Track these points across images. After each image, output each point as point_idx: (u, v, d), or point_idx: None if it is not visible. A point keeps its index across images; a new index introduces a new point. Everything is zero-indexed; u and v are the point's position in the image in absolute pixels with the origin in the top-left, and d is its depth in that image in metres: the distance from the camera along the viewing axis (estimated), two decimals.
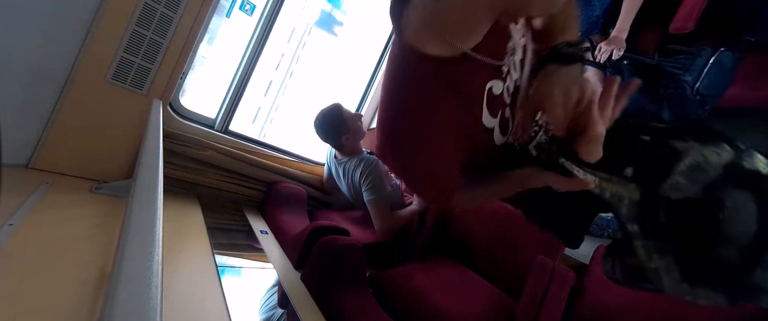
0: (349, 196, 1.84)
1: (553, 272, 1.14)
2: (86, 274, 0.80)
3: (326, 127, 1.71)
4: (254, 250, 1.39)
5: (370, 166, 1.67)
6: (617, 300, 1.11)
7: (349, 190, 1.80)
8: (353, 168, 1.73)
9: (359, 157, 1.75)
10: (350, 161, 1.75)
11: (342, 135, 1.71)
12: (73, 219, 1.02)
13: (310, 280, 1.16)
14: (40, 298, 0.69)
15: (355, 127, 1.73)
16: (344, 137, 1.71)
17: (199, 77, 2.56)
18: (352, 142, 1.76)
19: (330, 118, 1.72)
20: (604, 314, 1.12)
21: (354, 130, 1.72)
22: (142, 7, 1.20)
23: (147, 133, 0.96)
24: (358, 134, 1.76)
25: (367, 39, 5.38)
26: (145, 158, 0.80)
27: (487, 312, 1.24)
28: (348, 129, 1.70)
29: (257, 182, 1.72)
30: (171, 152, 1.43)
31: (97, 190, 1.21)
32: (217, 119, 1.66)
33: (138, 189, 0.64)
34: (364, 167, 1.67)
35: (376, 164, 1.68)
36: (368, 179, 1.65)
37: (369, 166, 1.67)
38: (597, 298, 1.15)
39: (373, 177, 1.65)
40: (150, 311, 0.35)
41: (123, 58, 1.23)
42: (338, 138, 1.72)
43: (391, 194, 1.71)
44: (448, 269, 1.49)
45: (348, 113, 1.73)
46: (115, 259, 0.43)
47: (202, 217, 1.39)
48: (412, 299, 1.25)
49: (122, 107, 1.28)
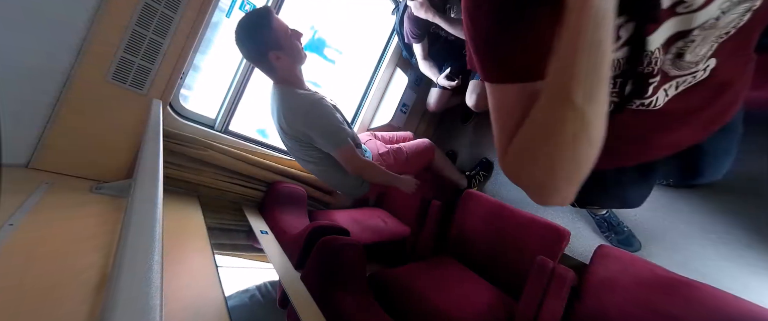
0: (288, 147, 1.48)
1: (553, 272, 1.14)
2: (86, 274, 0.80)
3: (244, 37, 1.24)
4: (254, 250, 1.39)
5: (314, 104, 1.29)
6: (617, 300, 1.11)
7: (287, 139, 1.41)
8: (292, 106, 1.32)
9: (300, 92, 1.32)
10: (287, 97, 1.32)
11: (268, 50, 1.24)
12: (73, 219, 1.02)
13: (310, 280, 1.16)
14: (40, 298, 0.69)
15: (289, 44, 1.27)
16: (273, 54, 1.24)
17: (199, 77, 2.56)
18: (287, 65, 1.29)
19: (250, 24, 1.23)
20: (604, 314, 1.12)
21: (288, 48, 1.26)
22: (142, 7, 1.20)
23: (147, 133, 0.96)
24: (294, 55, 1.30)
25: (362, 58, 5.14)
26: (145, 158, 0.80)
27: (487, 312, 1.24)
28: (279, 44, 1.24)
29: (257, 182, 1.72)
30: (171, 152, 1.43)
31: (97, 190, 1.21)
32: (217, 119, 1.66)
33: (138, 189, 0.64)
34: (308, 106, 1.29)
35: (321, 101, 1.31)
36: (312, 121, 1.29)
37: (313, 105, 1.29)
38: (597, 298, 1.15)
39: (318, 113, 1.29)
40: (150, 311, 0.35)
41: (123, 58, 1.23)
42: (263, 54, 1.25)
43: (353, 136, 1.41)
44: (448, 269, 1.49)
45: (280, 23, 1.25)
46: (115, 259, 0.43)
47: (202, 217, 1.39)
48: (412, 299, 1.25)
49: (122, 107, 1.28)
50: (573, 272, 1.12)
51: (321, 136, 1.31)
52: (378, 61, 2.19)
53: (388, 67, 2.20)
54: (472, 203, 1.59)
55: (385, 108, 2.21)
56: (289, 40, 1.27)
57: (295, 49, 1.29)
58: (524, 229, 1.40)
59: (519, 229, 1.41)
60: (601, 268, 1.17)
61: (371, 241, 1.65)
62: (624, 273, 1.12)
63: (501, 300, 1.33)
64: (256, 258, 1.44)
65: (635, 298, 1.08)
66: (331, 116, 1.31)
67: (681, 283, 1.02)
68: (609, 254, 1.18)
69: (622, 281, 1.12)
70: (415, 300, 1.25)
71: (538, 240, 1.35)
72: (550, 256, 1.18)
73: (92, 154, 1.28)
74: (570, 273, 1.12)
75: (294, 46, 1.29)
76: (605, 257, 1.18)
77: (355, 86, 2.22)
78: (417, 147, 1.78)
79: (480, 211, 1.56)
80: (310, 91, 1.35)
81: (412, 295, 1.27)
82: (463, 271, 1.50)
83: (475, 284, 1.41)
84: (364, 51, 2.23)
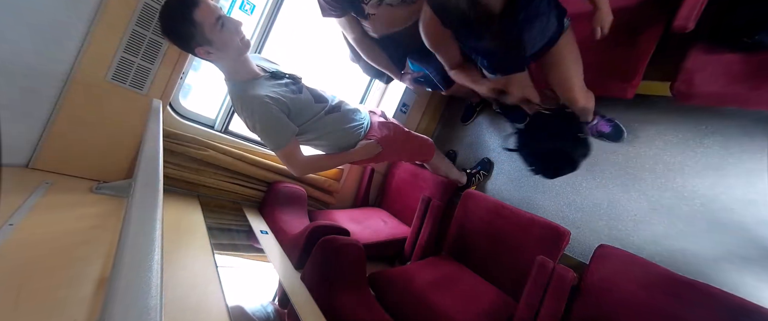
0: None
1: (553, 272, 1.14)
2: (86, 274, 0.80)
3: (167, 31, 1.08)
4: (254, 250, 1.39)
5: (254, 112, 1.16)
6: (617, 300, 1.11)
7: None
8: (238, 111, 1.22)
9: (243, 94, 1.17)
10: (233, 100, 1.23)
11: (195, 45, 1.08)
12: (73, 219, 1.02)
13: (310, 280, 1.16)
14: (40, 298, 0.69)
15: (218, 37, 1.07)
16: (201, 50, 1.08)
17: (199, 77, 2.55)
18: (221, 60, 1.15)
19: (169, 16, 1.06)
20: (604, 314, 1.12)
21: (218, 42, 1.08)
22: (142, 7, 1.20)
23: (147, 133, 0.96)
24: (227, 49, 1.11)
25: None
26: (145, 158, 0.80)
27: (487, 312, 1.25)
28: (205, 38, 1.06)
29: (257, 182, 1.72)
30: (171, 152, 1.44)
31: (97, 190, 1.21)
32: (217, 119, 1.66)
33: (138, 189, 0.64)
34: (245, 105, 1.17)
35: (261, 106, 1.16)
36: (255, 123, 1.19)
37: (253, 112, 1.16)
38: (597, 297, 1.15)
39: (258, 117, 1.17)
40: (150, 311, 0.35)
41: (123, 58, 1.23)
42: (191, 50, 1.10)
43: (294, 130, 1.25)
44: (448, 269, 1.49)
45: (206, 12, 1.04)
46: (115, 259, 0.43)
47: (202, 217, 1.39)
48: (412, 299, 1.25)
49: (122, 107, 1.28)
50: (573, 272, 1.12)
51: (263, 140, 1.25)
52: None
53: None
54: (472, 203, 1.59)
55: (385, 108, 2.22)
56: (218, 33, 1.06)
57: (227, 42, 1.09)
58: (524, 229, 1.40)
59: (519, 229, 1.41)
60: (601, 268, 1.17)
61: (371, 241, 1.65)
62: (624, 273, 1.12)
63: (501, 300, 1.33)
64: (256, 258, 1.44)
65: (635, 298, 1.08)
66: (270, 119, 1.18)
67: (681, 283, 1.03)
68: (609, 254, 1.18)
69: (622, 281, 1.12)
70: (415, 300, 1.25)
71: (538, 240, 1.35)
72: (550, 256, 1.18)
73: (92, 154, 1.28)
74: (570, 273, 1.12)
75: (224, 38, 1.08)
76: (605, 257, 1.18)
77: (355, 86, 2.22)
78: (420, 138, 1.73)
79: (480, 211, 1.56)
80: (253, 91, 1.18)
81: (412, 295, 1.27)
82: (463, 271, 1.50)
83: (475, 284, 1.41)
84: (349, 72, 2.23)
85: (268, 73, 1.28)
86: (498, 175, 1.98)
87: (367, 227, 1.79)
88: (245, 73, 1.21)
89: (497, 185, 1.96)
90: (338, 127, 1.41)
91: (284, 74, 1.31)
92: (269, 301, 1.08)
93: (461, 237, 1.62)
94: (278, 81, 1.27)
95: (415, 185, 1.99)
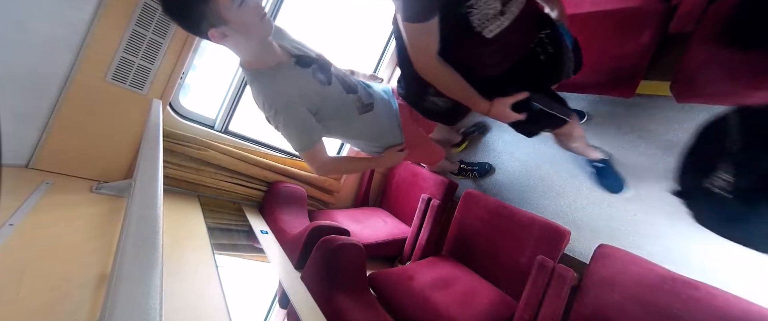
0: None
1: (553, 272, 1.14)
2: (86, 274, 0.80)
3: (174, 9, 0.84)
4: (254, 250, 1.39)
5: (278, 112, 1.01)
6: (617, 299, 1.11)
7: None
8: (260, 104, 1.05)
9: (266, 89, 1.01)
10: (254, 92, 1.05)
11: (208, 26, 0.86)
12: (73, 219, 1.02)
13: (310, 280, 1.16)
14: (40, 298, 0.69)
15: (237, 16, 0.86)
16: (215, 32, 0.87)
17: (199, 77, 2.52)
18: (239, 44, 0.95)
19: None
20: (604, 314, 1.12)
21: (237, 21, 0.87)
22: (142, 7, 1.20)
23: (147, 133, 0.96)
24: (247, 30, 0.91)
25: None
26: (145, 158, 0.80)
27: (487, 312, 1.25)
28: (221, 17, 0.85)
29: (257, 182, 1.72)
30: (171, 152, 1.44)
31: (97, 190, 1.22)
32: (216, 119, 1.66)
33: (138, 189, 0.64)
34: (267, 102, 1.01)
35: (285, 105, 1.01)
36: (278, 124, 1.04)
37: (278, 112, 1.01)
38: (597, 297, 1.15)
39: (283, 119, 1.02)
40: (150, 311, 0.35)
41: (123, 58, 1.23)
42: (203, 33, 0.88)
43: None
44: (449, 269, 1.49)
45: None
46: (115, 259, 0.43)
47: (202, 217, 1.39)
48: (413, 299, 1.25)
49: (122, 107, 1.28)
50: (573, 272, 1.12)
51: (286, 138, 1.09)
52: (378, 61, 2.19)
53: (387, 67, 2.19)
54: (472, 203, 1.59)
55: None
56: (236, 11, 0.86)
57: (247, 23, 0.90)
58: (524, 228, 1.40)
59: (519, 229, 1.41)
60: (601, 268, 1.17)
61: (371, 241, 1.65)
62: (624, 272, 1.12)
63: (501, 300, 1.33)
64: (256, 258, 1.44)
65: (635, 298, 1.08)
66: (296, 121, 1.04)
67: (681, 283, 1.02)
68: (609, 254, 1.18)
69: (622, 281, 1.12)
70: (416, 300, 1.25)
71: (538, 240, 1.35)
72: (550, 256, 1.18)
73: (92, 154, 1.28)
74: (570, 272, 1.12)
75: (244, 18, 0.88)
76: (605, 257, 1.18)
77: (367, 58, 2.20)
78: (432, 143, 1.57)
79: (480, 210, 1.56)
80: (277, 86, 1.01)
81: (413, 294, 1.27)
82: (463, 271, 1.50)
83: (475, 284, 1.41)
84: (364, 50, 2.22)
85: (294, 57, 1.06)
86: (498, 174, 1.98)
87: (368, 227, 1.79)
88: (268, 59, 1.00)
89: (497, 185, 1.96)
90: (374, 130, 1.25)
91: (312, 60, 1.09)
92: None
93: (461, 237, 1.62)
94: (305, 69, 1.06)
95: (415, 185, 1.99)
